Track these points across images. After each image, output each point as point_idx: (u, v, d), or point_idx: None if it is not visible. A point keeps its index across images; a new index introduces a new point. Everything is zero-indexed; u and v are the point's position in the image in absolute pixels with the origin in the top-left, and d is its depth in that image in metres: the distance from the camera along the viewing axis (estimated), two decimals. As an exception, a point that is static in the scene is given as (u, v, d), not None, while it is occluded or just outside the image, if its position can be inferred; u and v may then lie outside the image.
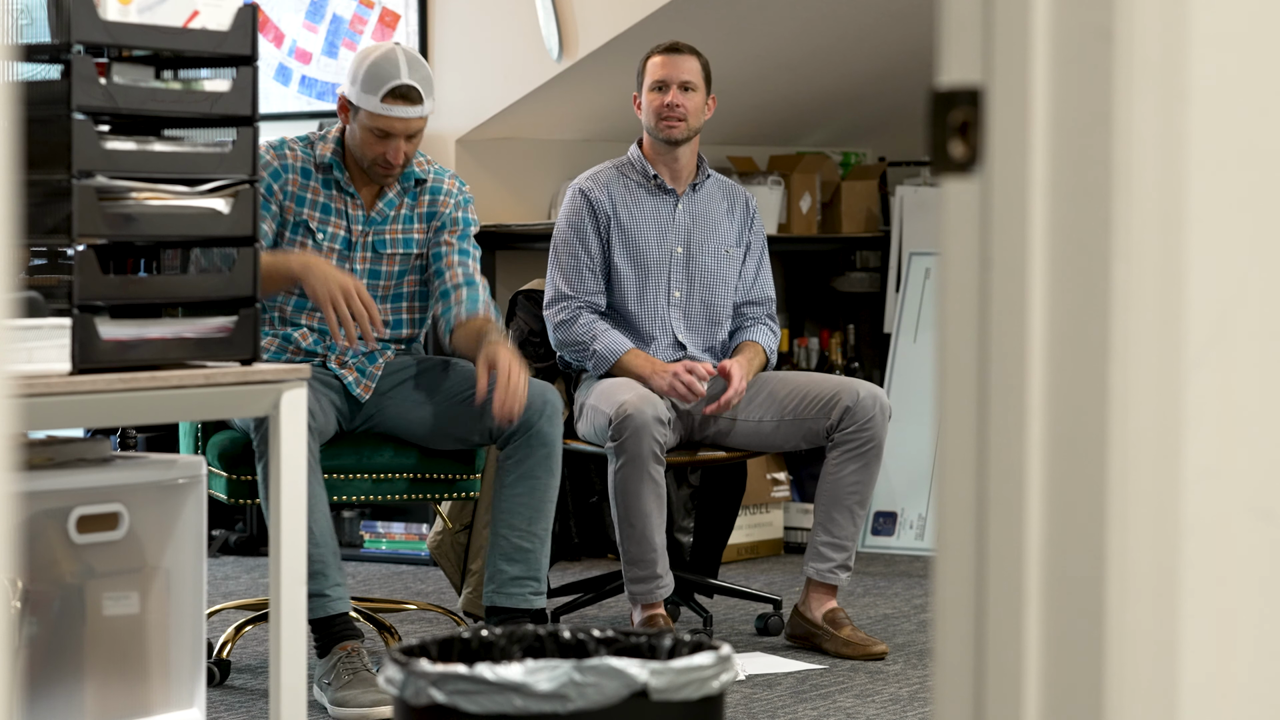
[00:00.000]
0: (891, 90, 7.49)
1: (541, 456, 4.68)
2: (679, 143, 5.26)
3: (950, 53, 1.76)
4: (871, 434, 5.09)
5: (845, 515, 5.11)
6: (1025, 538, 1.72)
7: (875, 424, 5.09)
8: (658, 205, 5.28)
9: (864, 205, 7.70)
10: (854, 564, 5.19)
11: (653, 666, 2.62)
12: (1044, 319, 1.71)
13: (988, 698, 1.75)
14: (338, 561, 4.51)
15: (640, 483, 4.97)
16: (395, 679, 2.65)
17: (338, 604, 4.50)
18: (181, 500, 3.66)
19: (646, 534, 5.00)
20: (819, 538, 5.14)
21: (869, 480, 5.11)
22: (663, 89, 5.22)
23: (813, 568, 5.15)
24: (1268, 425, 1.75)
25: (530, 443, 4.66)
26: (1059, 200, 1.70)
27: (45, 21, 3.36)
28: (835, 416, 5.10)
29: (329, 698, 4.42)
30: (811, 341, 7.58)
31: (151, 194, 3.44)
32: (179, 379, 3.42)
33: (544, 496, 4.70)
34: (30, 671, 3.46)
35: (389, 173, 4.71)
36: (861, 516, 5.14)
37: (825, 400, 5.13)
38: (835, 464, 5.11)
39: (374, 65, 4.63)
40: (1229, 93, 1.71)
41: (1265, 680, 1.77)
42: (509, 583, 4.70)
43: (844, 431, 5.09)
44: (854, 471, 5.09)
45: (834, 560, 5.14)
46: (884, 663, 5.00)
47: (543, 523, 4.70)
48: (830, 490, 5.11)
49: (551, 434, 4.68)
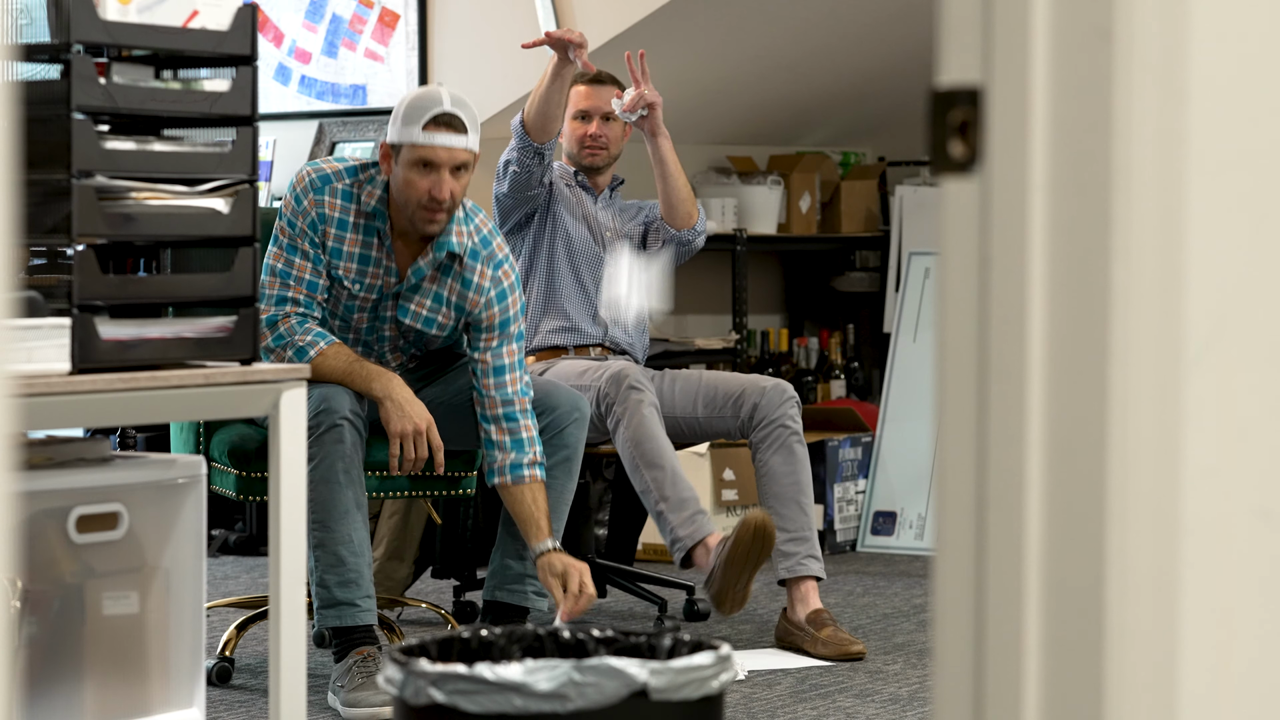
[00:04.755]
0: (891, 90, 7.49)
1: (562, 458, 4.72)
2: (600, 169, 5.50)
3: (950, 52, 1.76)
4: (782, 423, 5.14)
5: (792, 508, 5.12)
6: (1025, 537, 1.72)
7: (784, 414, 5.15)
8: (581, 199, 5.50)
9: (863, 205, 7.70)
10: (820, 554, 5.18)
11: (652, 666, 2.62)
12: (1043, 319, 1.71)
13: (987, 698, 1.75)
14: (370, 573, 4.53)
15: (655, 425, 5.05)
16: (395, 679, 2.65)
17: (366, 615, 4.51)
18: (181, 500, 3.66)
19: (677, 471, 5.05)
20: (777, 538, 5.14)
21: (800, 468, 5.13)
22: (585, 119, 5.45)
23: (782, 568, 5.14)
24: (1268, 425, 1.75)
25: (554, 443, 4.71)
26: (1058, 200, 1.70)
27: (45, 21, 3.36)
28: (745, 414, 5.19)
29: (341, 699, 4.42)
30: (811, 341, 7.58)
31: (151, 194, 3.44)
32: (179, 379, 3.42)
33: (560, 498, 4.74)
34: (30, 671, 3.46)
35: (434, 216, 4.51)
36: (809, 505, 5.14)
37: (733, 399, 5.22)
38: (761, 462, 5.16)
39: (416, 99, 4.51)
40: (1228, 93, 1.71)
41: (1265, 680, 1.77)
42: (513, 579, 4.72)
43: (757, 429, 5.16)
44: (781, 463, 5.12)
45: (798, 553, 5.13)
46: (883, 662, 5.00)
47: (555, 524, 4.71)
48: (768, 489, 5.14)
49: (576, 438, 4.74)
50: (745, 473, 6.54)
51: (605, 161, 5.47)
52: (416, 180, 4.47)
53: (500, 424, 4.64)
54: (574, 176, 5.50)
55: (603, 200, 5.52)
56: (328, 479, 4.43)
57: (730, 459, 6.51)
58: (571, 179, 5.50)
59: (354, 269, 4.59)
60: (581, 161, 5.47)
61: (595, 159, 5.45)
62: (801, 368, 7.52)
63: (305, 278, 4.55)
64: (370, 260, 4.60)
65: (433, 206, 4.49)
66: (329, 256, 4.57)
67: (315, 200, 4.56)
